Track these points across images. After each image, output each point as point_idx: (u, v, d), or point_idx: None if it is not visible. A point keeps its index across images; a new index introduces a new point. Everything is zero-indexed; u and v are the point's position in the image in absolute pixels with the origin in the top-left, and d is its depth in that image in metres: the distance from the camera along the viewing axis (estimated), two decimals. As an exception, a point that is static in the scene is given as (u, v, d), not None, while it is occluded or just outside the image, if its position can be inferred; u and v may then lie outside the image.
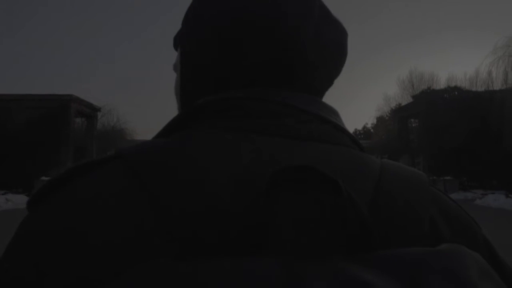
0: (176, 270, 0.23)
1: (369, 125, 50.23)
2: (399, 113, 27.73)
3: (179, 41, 0.46)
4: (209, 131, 0.35)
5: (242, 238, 0.26)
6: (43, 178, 16.62)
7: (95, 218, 0.27)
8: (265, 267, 0.23)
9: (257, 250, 0.26)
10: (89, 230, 0.27)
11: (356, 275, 0.23)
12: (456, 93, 23.06)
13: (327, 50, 0.41)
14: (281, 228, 0.26)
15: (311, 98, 0.40)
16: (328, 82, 0.44)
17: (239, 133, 0.34)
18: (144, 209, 0.28)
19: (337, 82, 0.53)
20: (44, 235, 0.28)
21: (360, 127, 60.31)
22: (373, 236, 0.27)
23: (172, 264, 0.24)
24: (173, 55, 0.45)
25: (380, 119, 34.15)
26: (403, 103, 27.79)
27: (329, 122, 0.38)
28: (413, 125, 27.39)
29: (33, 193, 0.31)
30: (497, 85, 19.82)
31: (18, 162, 18.68)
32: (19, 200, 14.16)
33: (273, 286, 0.22)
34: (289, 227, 0.26)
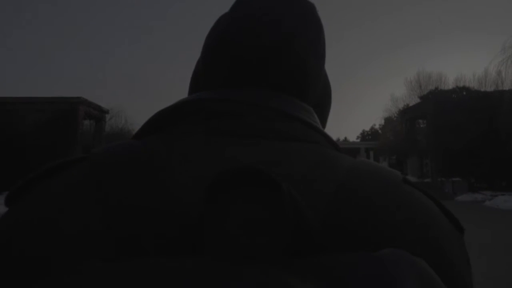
0: (97, 272, 0.24)
1: (376, 126, 50.05)
2: (407, 114, 27.54)
3: None
4: (174, 135, 0.36)
5: (180, 239, 0.26)
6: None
7: (56, 212, 0.29)
8: (186, 267, 0.23)
9: (196, 251, 0.26)
10: (49, 222, 0.28)
11: (277, 281, 0.23)
12: (464, 93, 22.86)
13: (296, 46, 0.41)
14: (221, 231, 0.26)
15: (279, 96, 0.39)
16: (302, 76, 0.43)
17: (200, 136, 0.35)
18: (95, 207, 0.28)
19: (345, 83, 0.52)
20: (13, 227, 0.30)
21: (367, 128, 60.08)
22: (314, 239, 0.27)
23: (95, 266, 0.24)
24: (183, 56, 0.47)
25: (387, 120, 33.97)
26: (411, 104, 27.61)
27: (298, 119, 0.38)
28: (421, 126, 27.18)
29: (10, 191, 0.33)
30: (507, 85, 19.61)
31: (26, 163, 18.88)
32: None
33: (186, 286, 0.22)
34: (229, 230, 0.26)
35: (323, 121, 0.50)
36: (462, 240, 0.35)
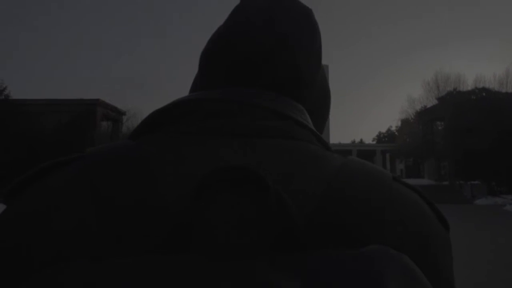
0: (86, 271, 0.24)
1: (393, 128, 49.38)
2: (424, 116, 27.09)
3: None
4: (167, 135, 0.36)
5: (170, 238, 0.27)
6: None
7: (48, 208, 0.30)
8: (174, 266, 0.24)
9: (185, 249, 0.26)
10: (43, 219, 0.29)
11: (263, 278, 0.24)
12: (484, 94, 22.32)
13: (289, 48, 0.42)
14: (208, 229, 0.26)
15: (271, 95, 0.40)
16: (295, 78, 0.43)
17: (193, 136, 0.36)
18: (87, 206, 0.29)
19: (361, 85, 0.52)
20: (7, 223, 0.31)
21: (384, 130, 59.29)
22: (300, 237, 0.27)
23: (84, 265, 0.25)
24: (198, 57, 0.47)
25: (404, 122, 33.44)
26: (428, 106, 27.14)
27: (290, 118, 0.38)
28: (439, 127, 26.69)
29: (8, 188, 0.34)
30: (529, 86, 19.05)
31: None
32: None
33: (174, 284, 0.23)
34: (217, 228, 0.26)
35: (321, 124, 0.50)
36: (448, 237, 0.36)
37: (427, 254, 0.32)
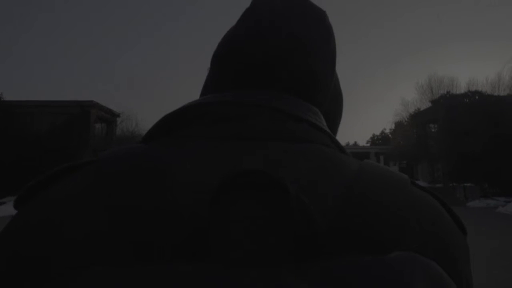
0: (109, 279, 0.24)
1: (387, 131, 49.66)
2: (418, 118, 27.26)
3: None
4: (181, 139, 0.36)
5: (188, 243, 0.26)
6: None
7: (62, 216, 0.29)
8: (201, 274, 0.24)
9: (204, 255, 0.26)
10: (57, 225, 0.28)
11: (287, 286, 0.23)
12: (477, 97, 22.54)
13: (303, 51, 0.42)
14: (228, 233, 0.26)
15: (286, 98, 0.39)
16: (310, 81, 0.42)
17: (207, 140, 0.35)
18: (100, 212, 0.28)
19: (356, 88, 0.53)
20: (20, 231, 0.30)
21: (378, 133, 59.61)
22: (321, 242, 0.26)
23: (107, 271, 0.24)
24: (194, 60, 0.48)
25: (398, 125, 33.62)
26: (422, 108, 27.32)
27: (305, 120, 0.37)
28: (432, 130, 26.88)
29: (19, 194, 0.33)
30: (521, 89, 19.29)
31: (39, 165, 19.17)
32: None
33: None
34: (236, 232, 0.26)
35: (334, 127, 0.50)
36: (466, 242, 0.36)
37: (449, 260, 0.32)
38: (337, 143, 0.39)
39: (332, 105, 0.48)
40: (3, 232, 0.31)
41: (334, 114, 0.49)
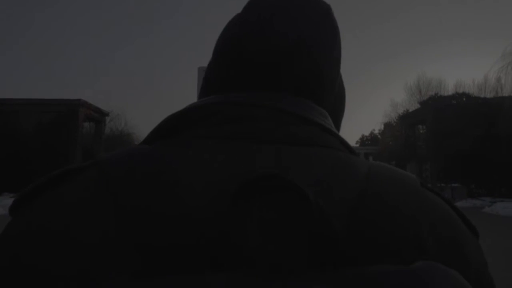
0: None
1: (376, 131, 50.10)
2: (407, 120, 27.55)
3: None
4: (187, 139, 0.35)
5: (204, 248, 0.26)
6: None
7: (66, 222, 0.28)
8: (220, 285, 0.23)
9: (219, 262, 0.25)
10: (61, 231, 0.27)
11: None
12: (464, 99, 22.90)
13: (309, 50, 0.40)
14: (245, 238, 0.25)
15: (295, 100, 0.38)
16: (316, 80, 0.41)
17: (215, 141, 0.34)
18: (108, 214, 0.28)
19: (346, 88, 0.52)
20: (22, 235, 0.28)
21: (367, 133, 60.04)
22: (339, 248, 0.26)
23: (125, 284, 0.23)
24: (184, 58, 0.46)
25: (387, 126, 33.93)
26: (411, 110, 27.64)
27: (315, 123, 0.37)
28: (421, 131, 27.20)
29: (16, 198, 0.32)
30: (507, 91, 19.66)
31: (26, 165, 18.85)
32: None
33: None
34: (254, 238, 0.25)
35: (338, 124, 0.49)
36: (479, 243, 0.36)
37: (470, 268, 0.32)
38: (347, 145, 0.38)
39: (336, 103, 0.47)
40: (2, 236, 0.29)
41: (337, 111, 0.48)
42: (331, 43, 0.43)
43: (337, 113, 0.48)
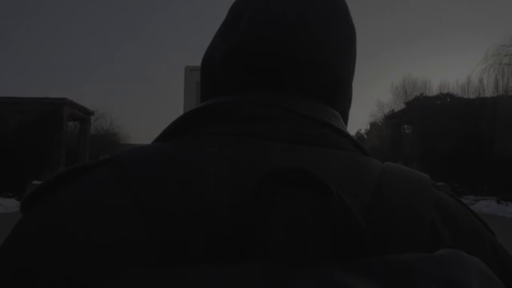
0: (155, 279, 0.23)
1: (362, 131, 50.56)
2: (393, 120, 27.88)
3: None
4: (205, 136, 0.35)
5: (230, 242, 0.26)
6: (35, 182, 16.36)
7: (85, 220, 0.27)
8: (249, 275, 0.23)
9: (244, 255, 0.25)
10: (79, 231, 0.27)
11: (341, 283, 0.23)
12: (448, 100, 23.31)
13: (323, 52, 0.40)
14: (270, 232, 0.25)
15: (310, 102, 0.39)
16: (333, 84, 0.41)
17: (234, 138, 0.34)
18: (132, 213, 0.27)
19: None
20: (35, 236, 0.28)
21: (353, 133, 60.60)
22: (365, 241, 0.26)
23: (151, 272, 0.23)
24: (169, 58, 0.44)
25: (373, 125, 34.34)
26: (396, 110, 28.01)
27: (329, 125, 0.38)
28: (406, 131, 27.58)
29: (26, 196, 0.31)
30: (489, 92, 20.13)
31: (8, 165, 18.42)
32: (10, 204, 13.91)
33: None
34: (278, 231, 0.25)
35: (345, 120, 0.49)
36: (497, 239, 0.36)
37: (497, 260, 0.32)
38: (359, 146, 0.39)
39: (348, 104, 0.48)
40: (12, 238, 0.28)
41: (347, 110, 0.49)
42: (348, 45, 0.42)
43: (346, 112, 0.49)
